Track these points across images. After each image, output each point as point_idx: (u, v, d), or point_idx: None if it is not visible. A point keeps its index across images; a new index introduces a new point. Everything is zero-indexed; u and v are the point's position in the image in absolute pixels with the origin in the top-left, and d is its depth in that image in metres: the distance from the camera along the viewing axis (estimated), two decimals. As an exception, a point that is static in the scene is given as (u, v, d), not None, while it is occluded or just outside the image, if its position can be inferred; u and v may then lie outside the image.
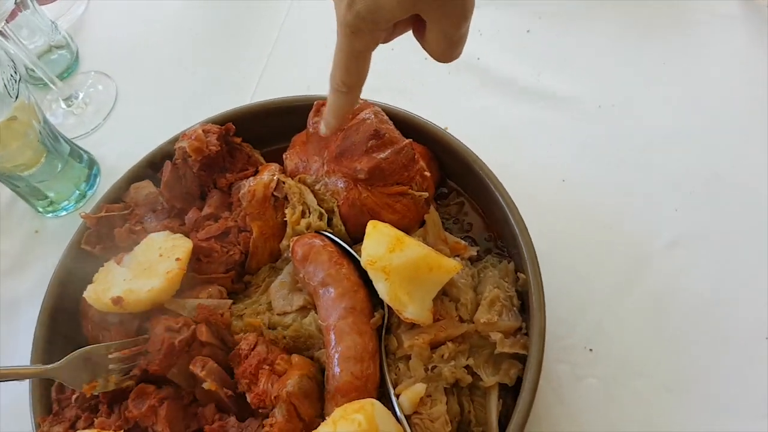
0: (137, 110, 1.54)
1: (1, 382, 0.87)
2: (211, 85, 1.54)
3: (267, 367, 0.93)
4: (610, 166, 1.21)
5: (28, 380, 1.01)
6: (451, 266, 0.92)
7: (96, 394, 0.94)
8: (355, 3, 0.68)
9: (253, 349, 0.96)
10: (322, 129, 0.91)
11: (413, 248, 0.90)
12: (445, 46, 0.74)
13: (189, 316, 0.98)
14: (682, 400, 0.99)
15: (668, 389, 1.00)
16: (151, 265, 0.97)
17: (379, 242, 0.91)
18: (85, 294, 0.97)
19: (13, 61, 1.11)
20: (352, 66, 0.77)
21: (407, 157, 1.04)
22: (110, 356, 0.93)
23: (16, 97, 1.10)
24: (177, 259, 0.96)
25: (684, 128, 1.23)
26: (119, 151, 1.46)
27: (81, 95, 1.53)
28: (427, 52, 0.77)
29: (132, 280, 0.95)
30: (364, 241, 0.93)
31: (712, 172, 1.18)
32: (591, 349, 1.04)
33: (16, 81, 1.10)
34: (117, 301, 0.93)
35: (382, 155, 1.02)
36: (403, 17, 0.70)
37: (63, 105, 1.52)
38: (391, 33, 0.77)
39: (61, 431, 0.95)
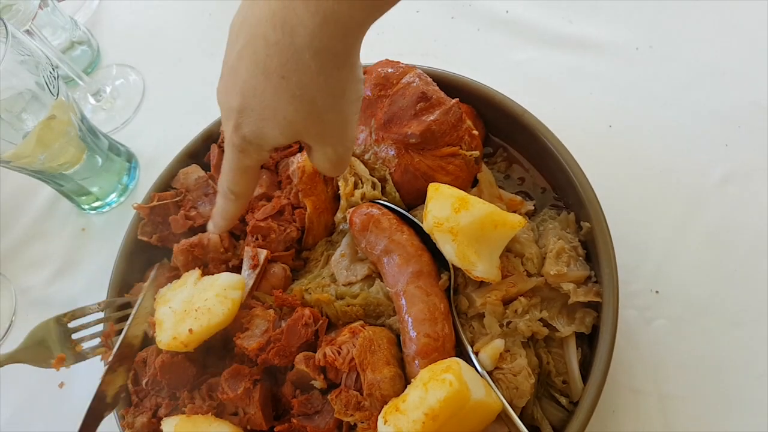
0: (165, 100, 1.54)
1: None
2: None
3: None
4: (655, 107, 1.20)
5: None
6: (515, 221, 0.91)
7: (66, 367, 0.93)
8: (241, 127, 0.71)
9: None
10: (210, 227, 0.91)
11: (478, 207, 0.90)
12: (329, 165, 0.78)
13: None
14: (749, 334, 1.00)
15: (735, 324, 1.00)
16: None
17: (444, 204, 0.91)
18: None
19: (49, 59, 1.10)
20: (239, 178, 0.79)
21: (456, 116, 1.03)
22: (69, 325, 0.93)
23: (57, 95, 1.09)
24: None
25: (724, 63, 1.21)
26: (154, 141, 1.47)
27: (108, 89, 1.53)
28: (312, 163, 0.82)
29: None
30: (428, 204, 0.93)
31: (758, 104, 1.17)
32: (657, 291, 1.04)
33: (55, 78, 1.09)
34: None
35: (432, 117, 1.01)
36: (285, 144, 0.75)
37: (92, 100, 1.51)
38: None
39: (145, 420, 0.97)
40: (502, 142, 1.15)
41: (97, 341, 1.00)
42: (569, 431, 0.84)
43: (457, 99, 1.03)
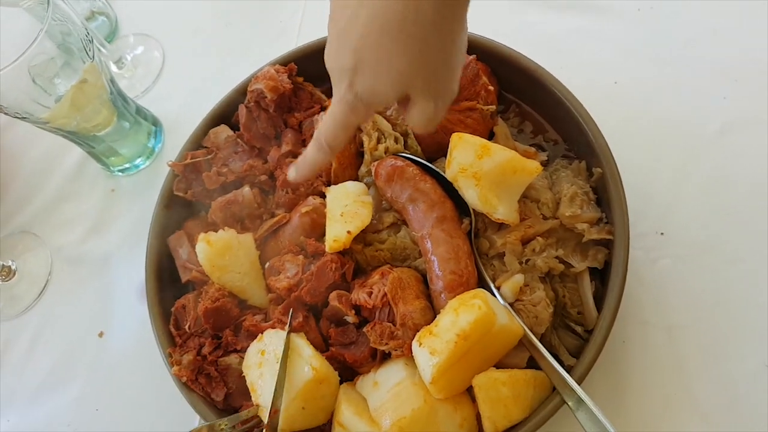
0: (184, 68, 1.59)
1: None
2: (253, 36, 1.58)
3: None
4: (657, 63, 1.27)
5: (149, 318, 1.10)
6: (533, 167, 0.99)
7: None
8: (355, 84, 0.75)
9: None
10: (292, 175, 0.96)
11: (499, 153, 0.97)
12: (425, 121, 0.81)
13: None
14: (749, 270, 1.08)
15: (734, 261, 1.09)
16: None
17: (467, 151, 0.98)
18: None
19: (83, 24, 1.15)
20: (341, 134, 0.83)
21: (473, 72, 1.10)
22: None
23: (93, 57, 1.15)
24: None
25: (721, 22, 1.29)
26: (175, 108, 1.53)
27: (129, 57, 1.58)
28: (408, 122, 0.84)
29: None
30: (453, 152, 1.00)
31: (753, 60, 1.24)
32: (662, 233, 1.12)
33: (90, 41, 1.15)
34: None
35: (452, 73, 1.07)
36: (393, 100, 0.78)
37: (114, 68, 1.56)
38: None
39: (191, 358, 1.04)
40: (515, 99, 1.21)
41: None
42: (585, 356, 0.91)
43: (475, 56, 1.09)
